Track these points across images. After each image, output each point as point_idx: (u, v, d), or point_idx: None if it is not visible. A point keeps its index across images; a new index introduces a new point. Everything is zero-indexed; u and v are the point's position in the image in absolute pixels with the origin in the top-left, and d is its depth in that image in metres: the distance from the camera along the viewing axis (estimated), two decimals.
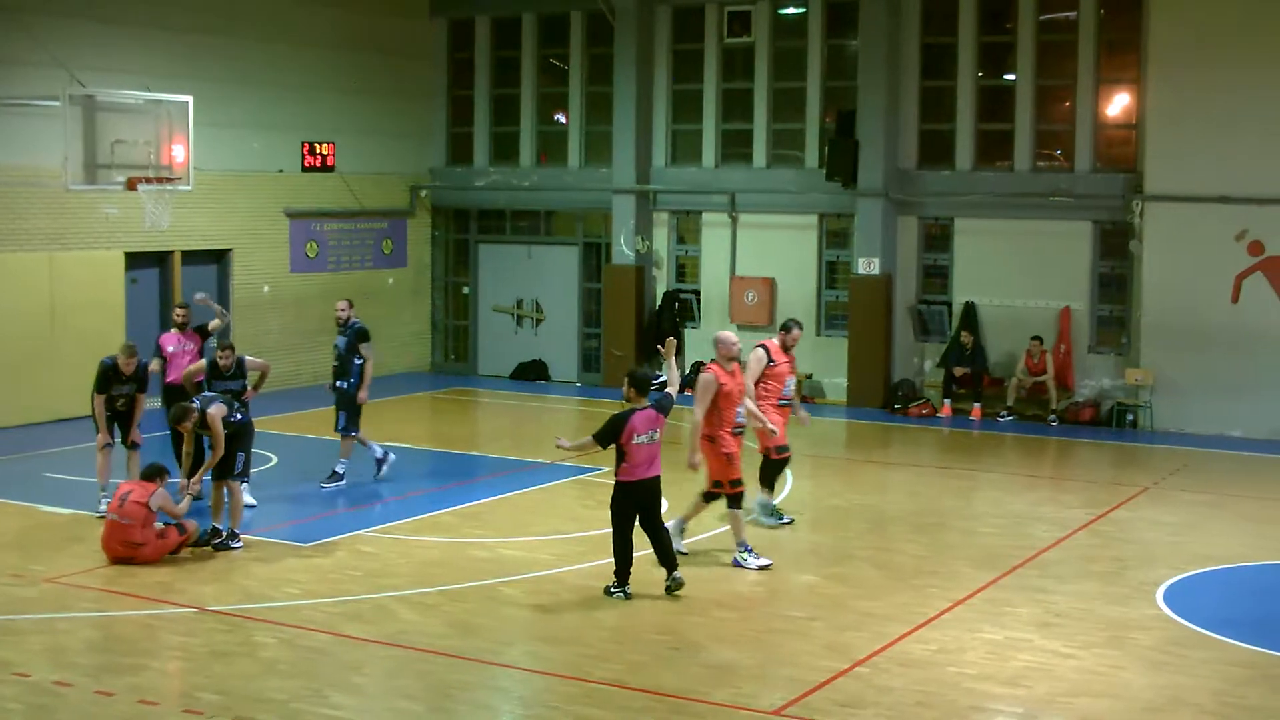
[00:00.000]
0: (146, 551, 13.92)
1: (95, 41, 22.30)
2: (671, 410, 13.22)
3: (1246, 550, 15.24)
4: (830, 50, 25.63)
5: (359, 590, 13.20)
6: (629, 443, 12.72)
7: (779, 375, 15.52)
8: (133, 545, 13.85)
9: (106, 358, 15.70)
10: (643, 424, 12.80)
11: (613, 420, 12.82)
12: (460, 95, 28.89)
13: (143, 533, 13.87)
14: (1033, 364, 23.32)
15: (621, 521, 12.97)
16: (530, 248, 28.34)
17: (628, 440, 12.71)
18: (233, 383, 15.87)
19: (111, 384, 15.62)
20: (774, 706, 10.34)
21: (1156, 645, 11.86)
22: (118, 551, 13.89)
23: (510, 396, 26.18)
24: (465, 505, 16.85)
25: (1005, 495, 17.98)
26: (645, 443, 12.80)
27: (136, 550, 13.87)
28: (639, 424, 12.77)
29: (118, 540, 13.87)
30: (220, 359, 15.93)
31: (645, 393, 12.98)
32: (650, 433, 12.84)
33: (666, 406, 13.10)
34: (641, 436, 12.77)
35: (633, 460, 12.78)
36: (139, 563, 13.85)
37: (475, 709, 10.49)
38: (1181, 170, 22.31)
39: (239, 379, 15.99)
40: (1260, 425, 21.95)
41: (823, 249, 25.74)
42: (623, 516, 12.96)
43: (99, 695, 10.39)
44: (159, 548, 14.02)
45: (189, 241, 23.97)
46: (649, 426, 12.84)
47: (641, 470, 12.84)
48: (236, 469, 14.64)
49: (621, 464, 12.83)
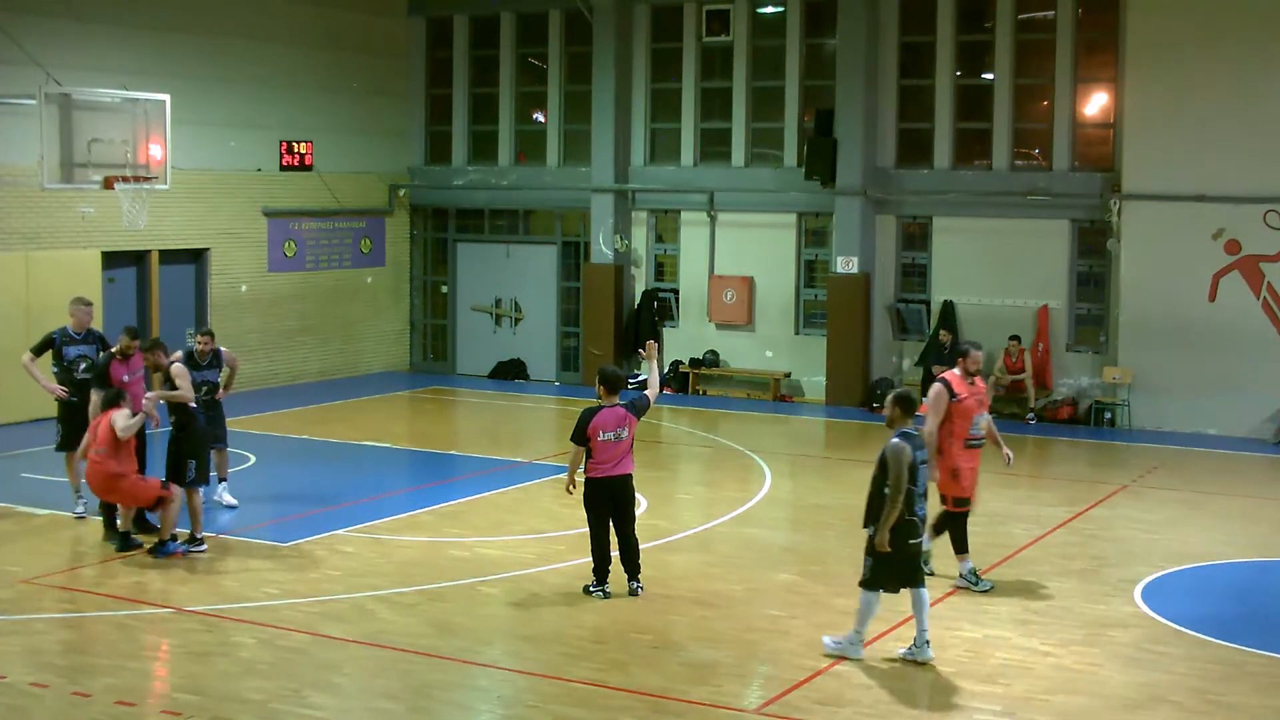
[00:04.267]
0: (126, 486, 13.94)
1: (71, 39, 22.19)
2: (647, 411, 13.18)
3: (1224, 548, 15.29)
4: (809, 49, 25.65)
5: (338, 590, 13.16)
6: (595, 439, 12.75)
7: (965, 411, 13.15)
8: (113, 478, 13.88)
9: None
10: (610, 421, 12.81)
11: (581, 417, 12.88)
12: (439, 94, 28.84)
13: (119, 463, 13.87)
14: (1011, 363, 23.37)
15: (595, 519, 12.99)
16: (509, 247, 28.31)
17: (594, 436, 12.74)
18: (210, 372, 15.71)
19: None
20: (754, 705, 10.35)
21: (1134, 643, 11.89)
22: (101, 487, 14.03)
23: (489, 396, 26.15)
24: (444, 505, 16.81)
25: (983, 493, 17.90)
26: (611, 440, 12.81)
27: (117, 484, 13.91)
28: (606, 421, 12.79)
29: (99, 474, 13.94)
30: (199, 344, 15.71)
31: (616, 391, 13.01)
32: (617, 430, 12.84)
33: (641, 407, 13.10)
34: (608, 434, 12.79)
35: (598, 457, 12.81)
36: (126, 503, 14.05)
37: (455, 709, 10.47)
38: (1159, 169, 22.38)
39: (215, 368, 15.82)
40: (1237, 423, 22.03)
41: (801, 248, 25.77)
42: (596, 514, 12.98)
43: (76, 697, 10.34)
44: (138, 486, 14.01)
45: (166, 241, 23.88)
46: (616, 424, 12.84)
47: (608, 468, 12.85)
48: (190, 476, 14.31)
49: (589, 460, 12.86)
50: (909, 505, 11.13)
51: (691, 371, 26.24)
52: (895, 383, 24.65)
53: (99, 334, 16.19)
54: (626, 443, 12.93)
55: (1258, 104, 21.78)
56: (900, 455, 11.08)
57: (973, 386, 13.22)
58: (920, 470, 11.24)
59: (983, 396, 13.32)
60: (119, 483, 13.97)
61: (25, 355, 15.62)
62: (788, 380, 25.48)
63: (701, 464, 20.34)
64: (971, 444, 13.16)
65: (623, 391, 13.13)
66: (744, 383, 26.08)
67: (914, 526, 11.22)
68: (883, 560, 11.20)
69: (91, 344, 15.80)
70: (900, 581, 11.33)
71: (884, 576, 11.28)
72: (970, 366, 13.27)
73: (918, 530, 11.30)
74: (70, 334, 15.75)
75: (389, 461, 20.01)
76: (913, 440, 11.27)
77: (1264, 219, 21.77)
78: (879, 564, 11.22)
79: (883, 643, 11.75)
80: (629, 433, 12.94)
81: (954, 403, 13.06)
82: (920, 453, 11.27)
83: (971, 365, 13.27)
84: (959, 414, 13.05)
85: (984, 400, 13.31)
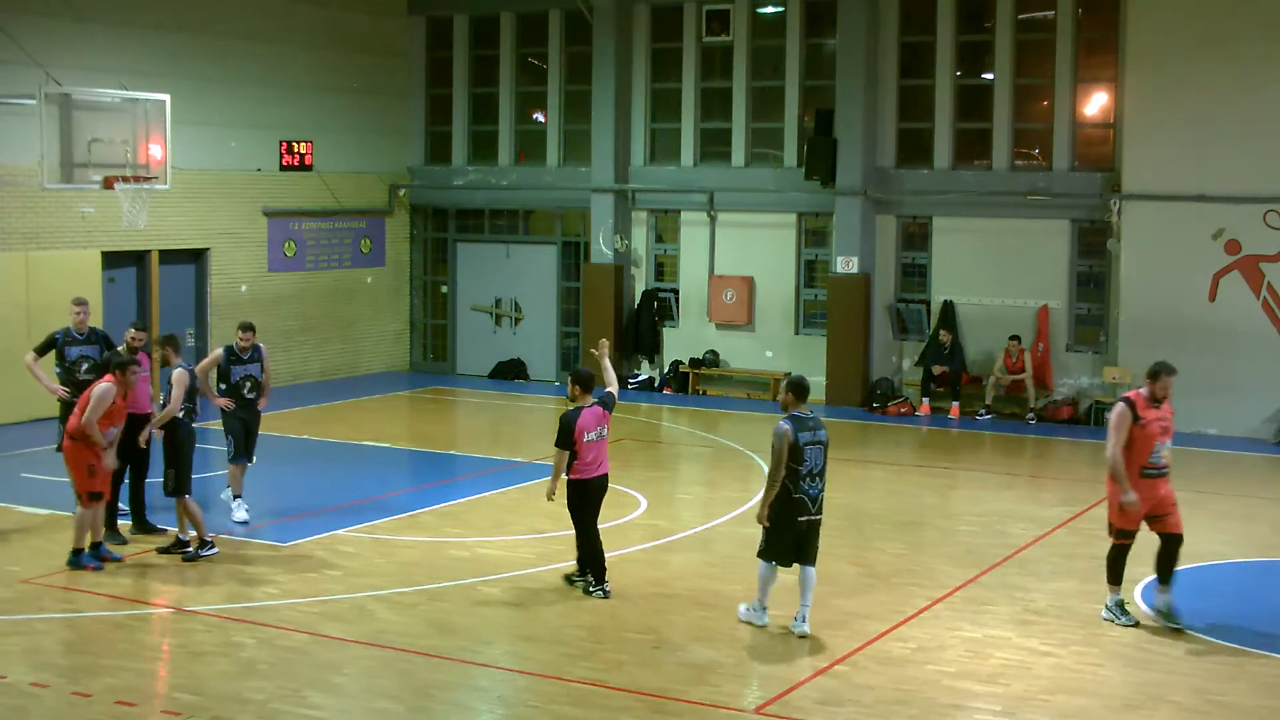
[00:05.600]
0: (72, 451, 13.63)
1: (72, 39, 22.20)
2: (614, 406, 13.33)
3: (1224, 548, 15.30)
4: (809, 49, 25.66)
5: (338, 590, 13.16)
6: (580, 441, 12.87)
7: (1147, 437, 12.30)
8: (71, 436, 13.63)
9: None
10: (590, 421, 12.95)
11: (564, 421, 12.94)
12: (439, 94, 28.84)
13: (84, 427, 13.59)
14: (1011, 362, 23.38)
15: (582, 520, 13.11)
16: (509, 247, 28.31)
17: (579, 438, 12.86)
18: (251, 366, 15.67)
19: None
20: (753, 705, 10.35)
21: (1134, 643, 11.90)
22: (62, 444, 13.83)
23: (489, 396, 26.15)
24: (444, 504, 16.82)
25: (984, 493, 18.03)
26: (594, 439, 12.98)
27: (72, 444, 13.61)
28: (587, 421, 12.93)
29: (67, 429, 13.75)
30: (239, 341, 15.63)
31: (590, 390, 13.15)
32: (598, 429, 13.01)
33: (610, 404, 13.26)
34: (590, 434, 12.94)
35: (583, 458, 12.95)
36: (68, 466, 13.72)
37: (455, 709, 10.47)
38: (1159, 169, 22.38)
39: (256, 363, 15.72)
40: (1237, 423, 22.03)
41: (801, 248, 25.77)
42: (582, 515, 13.10)
43: (76, 697, 10.34)
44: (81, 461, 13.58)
45: (166, 241, 23.88)
46: (596, 423, 13.00)
47: (593, 469, 13.02)
48: (169, 485, 14.16)
49: (574, 462, 12.96)
50: (795, 483, 11.78)
51: (691, 371, 26.24)
52: (895, 383, 24.69)
53: (102, 333, 16.16)
54: (605, 442, 13.11)
55: (1258, 104, 21.78)
56: (781, 437, 11.77)
57: (1158, 410, 12.39)
58: (807, 451, 11.79)
59: (1169, 423, 12.48)
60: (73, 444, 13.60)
61: (28, 355, 15.58)
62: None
63: (701, 464, 20.34)
64: (1149, 473, 12.33)
65: (595, 389, 13.29)
66: (744, 383, 26.09)
67: (801, 504, 11.88)
68: (771, 534, 11.97)
69: (94, 344, 15.78)
70: (791, 556, 12.05)
71: (775, 549, 12.04)
72: (1158, 392, 12.40)
73: (806, 508, 11.90)
74: (72, 334, 15.74)
75: (389, 462, 20.01)
76: (803, 423, 11.85)
77: (1264, 219, 21.78)
78: (768, 537, 12.03)
79: (883, 642, 11.76)
80: (607, 430, 13.14)
81: (1135, 426, 12.28)
82: (807, 434, 11.80)
83: (1159, 391, 12.39)
84: (1139, 439, 12.25)
85: (1169, 427, 12.47)
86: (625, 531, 15.53)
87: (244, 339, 15.70)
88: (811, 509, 11.95)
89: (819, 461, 11.91)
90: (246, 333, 15.75)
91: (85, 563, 13.64)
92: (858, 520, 16.50)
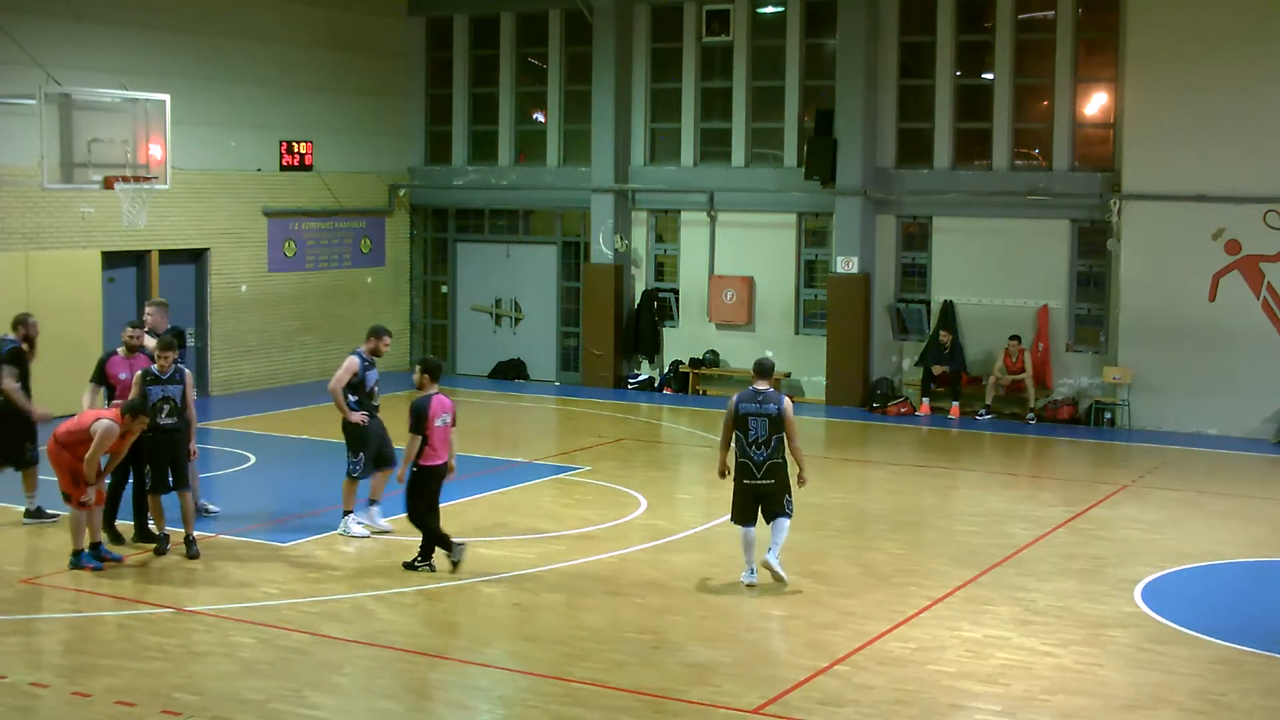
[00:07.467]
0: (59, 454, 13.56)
1: (71, 39, 22.18)
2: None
3: (1224, 548, 15.30)
4: (809, 49, 25.65)
5: (338, 590, 13.16)
6: (431, 426, 13.47)
7: None
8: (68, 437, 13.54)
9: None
10: (438, 408, 13.61)
11: (416, 408, 13.51)
12: (439, 94, 28.83)
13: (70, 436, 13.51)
14: (1011, 362, 23.37)
15: (424, 503, 13.68)
16: (509, 247, 28.30)
17: (430, 424, 13.45)
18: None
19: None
20: (753, 705, 10.35)
21: (1135, 643, 11.89)
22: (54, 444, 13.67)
23: (489, 396, 26.14)
24: (444, 504, 16.70)
25: (984, 493, 18.02)
26: (442, 426, 13.63)
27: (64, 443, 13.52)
28: (436, 408, 13.58)
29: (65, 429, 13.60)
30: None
31: (438, 379, 13.84)
32: (444, 416, 13.67)
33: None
34: (439, 420, 13.60)
35: (432, 443, 13.56)
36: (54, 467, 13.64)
37: (455, 709, 10.47)
38: (1159, 169, 22.38)
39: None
40: (1237, 423, 22.03)
41: (801, 248, 25.76)
42: (424, 499, 13.68)
43: (76, 697, 10.34)
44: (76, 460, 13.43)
45: (166, 241, 23.87)
46: (443, 410, 13.67)
47: (440, 455, 13.68)
48: (147, 482, 14.15)
49: (424, 448, 13.51)
50: (742, 449, 13.08)
51: (691, 371, 26.23)
52: (895, 383, 24.68)
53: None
54: (449, 429, 13.78)
55: (1258, 104, 21.77)
56: (727, 407, 13.34)
57: None
58: (751, 421, 13.02)
59: None
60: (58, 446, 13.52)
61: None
62: (788, 380, 25.45)
63: (701, 464, 20.31)
64: None
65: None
66: (744, 383, 25.94)
67: (745, 468, 13.11)
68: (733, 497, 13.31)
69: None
70: (749, 517, 13.24)
71: (732, 511, 13.38)
72: None
73: (751, 472, 13.07)
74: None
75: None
76: (753, 396, 13.15)
77: (1264, 219, 21.77)
78: (733, 500, 13.35)
79: (883, 642, 11.76)
80: (451, 419, 13.80)
81: None
82: (752, 406, 13.06)
83: None
84: None
85: None
86: (625, 531, 15.53)
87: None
88: (757, 474, 13.06)
89: (763, 432, 13.03)
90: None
91: (85, 563, 13.63)
92: (858, 520, 16.50)
